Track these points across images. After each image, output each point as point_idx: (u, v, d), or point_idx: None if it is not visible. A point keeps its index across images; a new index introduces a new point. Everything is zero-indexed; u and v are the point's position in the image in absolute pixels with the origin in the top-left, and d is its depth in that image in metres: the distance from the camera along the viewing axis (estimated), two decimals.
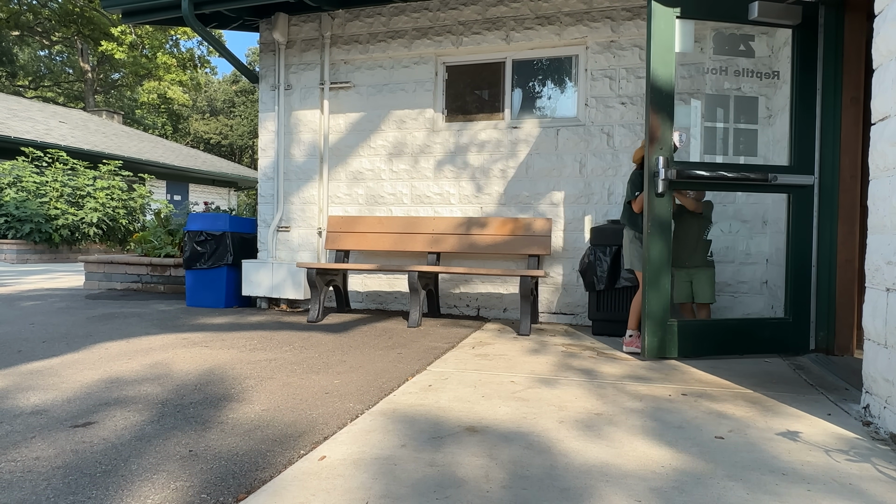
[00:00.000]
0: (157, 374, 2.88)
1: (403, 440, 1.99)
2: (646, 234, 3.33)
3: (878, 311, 2.23)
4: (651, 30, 3.25)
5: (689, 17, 3.36)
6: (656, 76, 3.27)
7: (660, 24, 3.25)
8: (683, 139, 3.58)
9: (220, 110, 39.80)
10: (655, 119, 3.28)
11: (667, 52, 3.27)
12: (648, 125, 3.29)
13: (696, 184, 3.48)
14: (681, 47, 3.33)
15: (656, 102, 3.28)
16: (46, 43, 27.83)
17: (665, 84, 3.28)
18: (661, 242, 3.32)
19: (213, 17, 5.73)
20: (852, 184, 3.39)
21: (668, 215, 3.33)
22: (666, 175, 3.26)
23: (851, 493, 1.62)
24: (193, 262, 5.47)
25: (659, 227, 3.32)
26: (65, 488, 1.60)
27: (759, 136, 4.04)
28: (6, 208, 11.40)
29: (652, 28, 3.25)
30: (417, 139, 5.31)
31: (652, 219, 3.31)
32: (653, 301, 3.33)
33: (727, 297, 4.51)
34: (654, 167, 3.28)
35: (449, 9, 5.15)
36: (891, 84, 2.20)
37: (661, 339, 3.35)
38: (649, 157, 3.28)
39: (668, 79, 3.28)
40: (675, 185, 3.37)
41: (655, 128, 3.28)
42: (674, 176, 3.27)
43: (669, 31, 3.27)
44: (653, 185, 3.30)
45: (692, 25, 3.52)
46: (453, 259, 5.21)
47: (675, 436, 2.07)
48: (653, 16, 3.25)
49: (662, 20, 3.26)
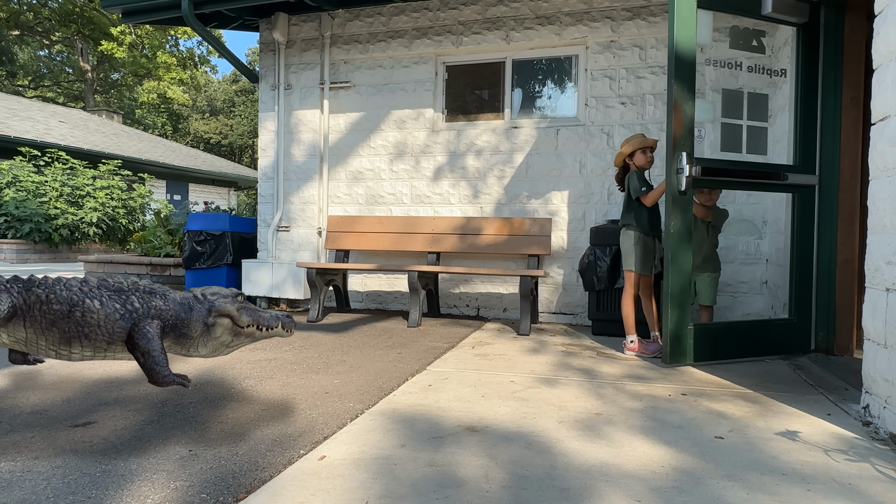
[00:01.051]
0: None
1: (403, 440, 1.99)
2: (667, 234, 3.19)
3: (878, 311, 2.23)
4: (674, 20, 3.13)
5: (708, 8, 3.26)
6: (679, 69, 3.14)
7: (682, 13, 3.14)
8: (702, 134, 3.52)
9: (220, 110, 39.79)
10: (678, 114, 3.15)
11: (688, 43, 3.15)
12: (671, 120, 3.16)
13: (719, 182, 3.38)
14: (699, 39, 3.25)
15: (679, 96, 3.14)
16: (46, 43, 27.82)
17: (687, 77, 3.16)
18: (685, 245, 3.19)
19: (213, 16, 5.72)
20: (852, 184, 3.39)
21: (690, 214, 3.21)
22: (691, 172, 3.12)
23: (851, 492, 1.62)
24: (193, 262, 5.47)
25: (684, 228, 3.18)
26: (64, 488, 1.60)
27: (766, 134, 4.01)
28: (6, 208, 11.39)
29: (675, 18, 3.13)
30: (417, 139, 5.31)
31: (675, 219, 3.17)
32: (674, 308, 3.20)
33: (727, 297, 4.51)
34: (678, 164, 3.14)
35: (449, 9, 5.15)
36: (890, 84, 2.20)
37: (683, 345, 3.24)
38: (673, 152, 3.16)
39: (691, 71, 3.16)
40: (699, 183, 3.25)
41: (678, 123, 3.15)
42: (698, 173, 3.13)
43: (691, 21, 3.16)
44: (676, 182, 3.16)
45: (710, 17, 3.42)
46: (453, 259, 5.21)
47: (674, 436, 2.07)
48: (675, 4, 3.13)
49: (685, 8, 3.14)
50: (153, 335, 2.29)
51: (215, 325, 2.33)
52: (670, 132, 3.18)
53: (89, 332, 2.33)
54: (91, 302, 2.32)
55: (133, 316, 2.33)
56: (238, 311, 2.35)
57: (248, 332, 2.36)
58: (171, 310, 2.35)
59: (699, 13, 3.22)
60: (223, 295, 2.41)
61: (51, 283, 2.41)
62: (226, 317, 2.34)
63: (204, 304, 2.36)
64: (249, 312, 2.36)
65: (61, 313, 2.32)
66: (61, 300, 2.34)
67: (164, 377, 2.29)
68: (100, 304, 2.33)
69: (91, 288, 2.38)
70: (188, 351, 2.40)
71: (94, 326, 2.32)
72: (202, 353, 2.43)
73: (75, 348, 2.37)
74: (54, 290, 2.36)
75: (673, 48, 3.15)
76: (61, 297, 2.35)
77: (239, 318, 2.34)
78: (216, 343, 2.38)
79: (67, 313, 2.31)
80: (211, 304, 2.35)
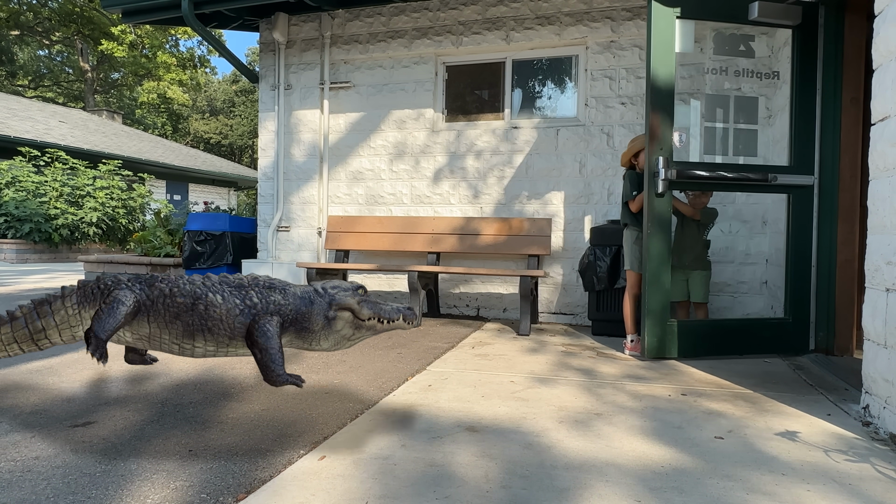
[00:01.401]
0: (157, 373, 2.88)
1: (403, 440, 1.99)
2: (645, 233, 3.32)
3: (878, 311, 2.23)
4: (651, 30, 3.25)
5: (690, 18, 3.35)
6: (656, 76, 3.27)
7: (660, 25, 3.25)
8: (683, 139, 3.58)
9: (220, 110, 39.79)
10: (655, 119, 3.28)
11: (667, 53, 3.27)
12: (648, 125, 3.29)
13: (695, 184, 3.48)
14: (681, 47, 3.33)
15: (656, 103, 3.27)
16: (46, 43, 27.82)
17: (665, 84, 3.28)
18: (661, 242, 3.32)
19: (213, 16, 5.73)
20: (852, 184, 3.39)
21: (668, 215, 3.33)
22: (666, 175, 3.25)
23: (850, 492, 1.62)
24: (193, 262, 5.47)
25: (659, 227, 3.31)
26: (64, 488, 1.60)
27: (759, 136, 4.05)
28: (6, 208, 11.39)
29: (652, 28, 3.25)
30: (417, 139, 5.31)
31: (652, 219, 3.31)
32: (653, 301, 3.33)
33: (727, 297, 4.51)
34: (654, 167, 3.27)
35: (449, 9, 5.15)
36: (890, 84, 2.20)
37: (662, 338, 3.35)
38: (649, 156, 3.28)
39: (669, 79, 3.28)
40: (675, 185, 3.37)
41: (655, 128, 3.28)
42: (674, 176, 3.26)
43: (669, 32, 3.27)
44: (653, 185, 3.29)
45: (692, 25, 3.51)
46: (453, 259, 5.21)
47: (674, 436, 2.07)
48: (653, 16, 3.25)
49: (662, 20, 3.26)
50: (272, 332, 2.29)
51: (336, 318, 2.33)
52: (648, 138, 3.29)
53: (212, 325, 2.34)
54: (214, 296, 2.34)
55: (252, 312, 2.33)
56: (359, 304, 2.35)
57: (369, 325, 2.36)
58: (290, 304, 2.35)
59: (681, 23, 3.30)
60: (344, 288, 2.42)
61: (173, 279, 2.42)
62: (347, 310, 2.34)
63: (325, 297, 2.37)
64: (370, 305, 2.36)
65: (185, 306, 2.34)
66: (185, 293, 2.36)
67: (279, 376, 2.28)
68: (222, 299, 2.34)
69: (213, 283, 2.40)
70: (310, 345, 2.41)
71: (216, 320, 2.33)
72: (324, 347, 2.43)
73: (198, 342, 2.38)
74: (177, 283, 2.39)
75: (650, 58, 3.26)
76: (185, 290, 2.36)
77: (360, 312, 2.34)
78: (338, 336, 2.38)
79: (191, 306, 2.33)
80: (332, 298, 2.36)
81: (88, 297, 2.50)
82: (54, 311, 2.48)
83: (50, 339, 2.49)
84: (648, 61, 3.27)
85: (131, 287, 2.42)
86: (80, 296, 2.51)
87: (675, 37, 3.28)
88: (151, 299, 2.39)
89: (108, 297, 2.42)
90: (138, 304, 2.39)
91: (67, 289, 2.52)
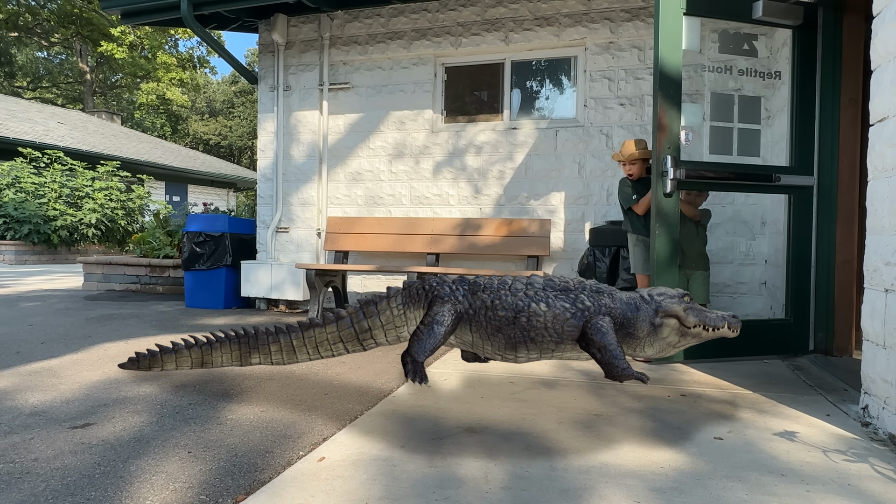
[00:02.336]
0: (156, 374, 2.87)
1: (403, 441, 1.99)
2: (653, 234, 3.25)
3: (877, 311, 2.24)
4: (659, 27, 3.18)
5: (695, 14, 3.30)
6: (664, 74, 3.20)
7: (668, 21, 3.18)
8: (689, 138, 3.57)
9: (219, 111, 39.78)
10: (664, 118, 3.20)
11: (674, 50, 3.20)
12: (656, 124, 3.21)
13: (704, 184, 3.42)
14: (687, 45, 3.29)
15: (664, 101, 3.20)
16: (45, 44, 27.81)
17: (673, 82, 3.21)
18: (668, 244, 3.25)
19: (213, 17, 5.73)
20: (851, 185, 3.40)
21: (675, 215, 3.26)
22: (675, 175, 3.18)
23: (850, 493, 1.62)
24: (192, 263, 5.47)
25: (667, 228, 3.24)
26: (63, 489, 1.60)
27: (761, 136, 4.04)
28: (5, 209, 11.39)
29: (660, 25, 3.18)
30: (416, 140, 5.31)
31: (660, 219, 3.23)
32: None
33: (726, 297, 4.51)
34: (662, 167, 3.20)
35: (448, 10, 5.16)
36: (889, 85, 2.20)
37: None
38: (657, 153, 3.21)
39: (676, 77, 3.21)
40: (683, 185, 3.30)
41: (664, 127, 3.21)
42: (682, 175, 3.19)
43: (677, 28, 3.20)
44: (661, 184, 3.22)
45: (698, 23, 3.47)
46: (452, 260, 5.21)
47: (674, 436, 2.07)
48: (660, 12, 3.18)
49: (670, 16, 3.19)
50: (608, 330, 2.28)
51: (662, 325, 2.32)
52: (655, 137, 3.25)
53: (535, 335, 2.33)
54: (537, 306, 2.33)
55: (585, 314, 2.32)
56: (685, 311, 2.33)
57: (694, 333, 2.34)
58: (618, 308, 2.34)
59: (687, 20, 3.26)
60: (670, 295, 2.40)
61: (496, 287, 2.40)
62: (673, 317, 2.32)
63: (651, 304, 2.35)
64: (696, 313, 2.35)
65: (506, 319, 2.33)
66: (506, 306, 2.34)
67: (624, 370, 2.27)
68: (546, 307, 2.33)
69: (536, 291, 2.37)
70: (634, 351, 2.39)
71: (539, 329, 2.32)
72: (648, 354, 2.41)
73: (521, 352, 2.38)
74: (499, 295, 2.38)
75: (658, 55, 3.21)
76: (506, 304, 2.35)
77: (686, 319, 2.32)
78: (663, 343, 2.37)
79: (513, 319, 2.32)
80: (658, 305, 2.34)
81: (413, 298, 2.52)
82: (380, 311, 2.51)
83: (375, 339, 2.52)
84: (656, 59, 3.19)
85: (454, 296, 2.41)
86: (405, 296, 2.53)
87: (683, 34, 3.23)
88: (474, 309, 2.38)
89: (428, 312, 2.43)
90: (458, 317, 2.38)
91: (392, 290, 2.53)
